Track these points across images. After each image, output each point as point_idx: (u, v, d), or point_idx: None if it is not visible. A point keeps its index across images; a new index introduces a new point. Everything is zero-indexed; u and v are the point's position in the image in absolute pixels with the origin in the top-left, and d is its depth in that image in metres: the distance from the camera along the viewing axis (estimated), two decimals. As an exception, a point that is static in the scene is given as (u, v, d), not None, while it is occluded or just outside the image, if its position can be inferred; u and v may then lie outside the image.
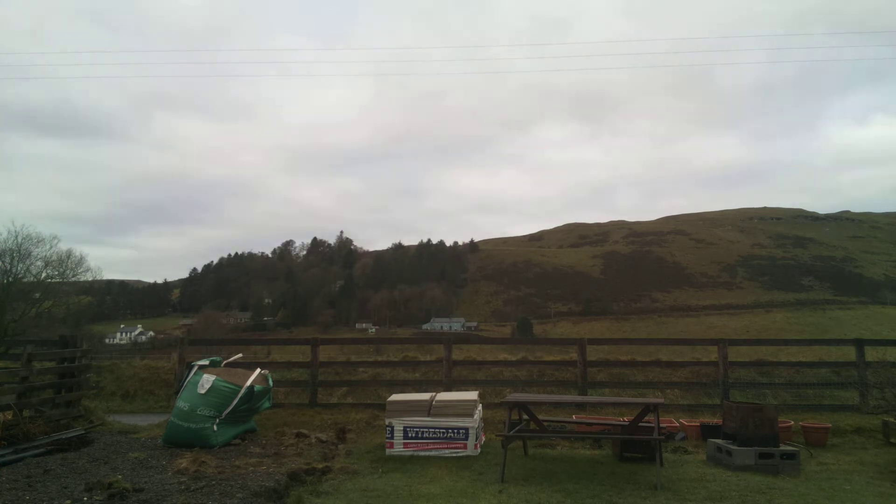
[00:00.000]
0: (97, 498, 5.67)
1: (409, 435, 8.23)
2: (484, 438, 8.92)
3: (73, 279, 41.93)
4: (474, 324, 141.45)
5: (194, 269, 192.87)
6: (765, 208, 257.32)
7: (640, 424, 7.89)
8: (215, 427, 8.35)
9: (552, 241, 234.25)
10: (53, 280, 39.71)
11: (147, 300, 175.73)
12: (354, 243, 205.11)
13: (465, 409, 8.28)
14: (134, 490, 5.87)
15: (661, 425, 7.76)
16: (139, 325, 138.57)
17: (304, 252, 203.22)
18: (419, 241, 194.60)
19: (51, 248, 38.71)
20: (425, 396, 8.73)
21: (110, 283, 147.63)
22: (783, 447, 7.48)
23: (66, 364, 10.14)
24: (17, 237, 36.73)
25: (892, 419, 9.08)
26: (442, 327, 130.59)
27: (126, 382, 14.41)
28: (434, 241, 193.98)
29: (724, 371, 11.18)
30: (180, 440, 8.28)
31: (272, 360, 14.18)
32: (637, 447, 7.90)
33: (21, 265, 36.88)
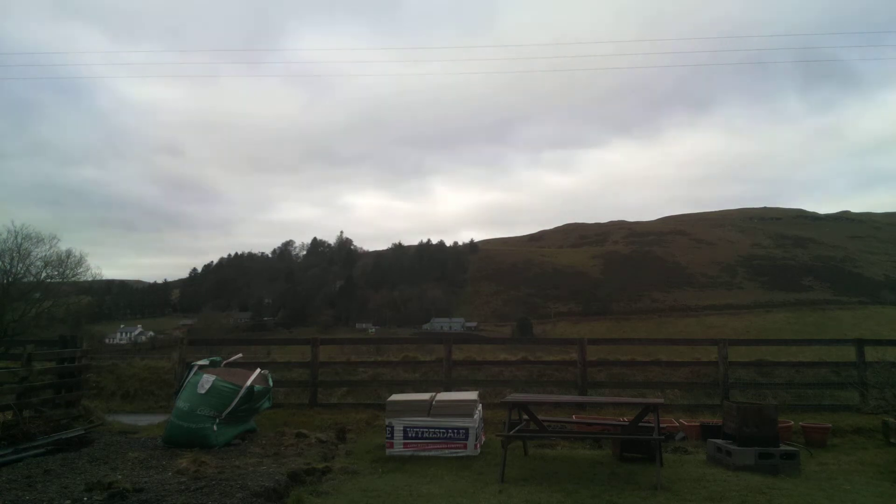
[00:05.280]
0: (97, 498, 5.67)
1: (409, 435, 8.22)
2: (484, 438, 8.91)
3: (73, 279, 41.78)
4: (474, 324, 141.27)
5: (194, 270, 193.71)
6: (765, 208, 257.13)
7: (640, 424, 7.90)
8: (215, 427, 8.35)
9: (552, 241, 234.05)
10: (53, 280, 39.63)
11: (147, 300, 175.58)
12: (354, 243, 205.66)
13: (465, 410, 8.28)
14: (134, 490, 5.87)
15: (661, 425, 7.75)
16: (139, 326, 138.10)
17: (304, 252, 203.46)
18: (419, 241, 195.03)
19: (51, 248, 38.69)
20: (425, 396, 8.73)
21: (110, 283, 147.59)
22: (783, 447, 7.47)
23: (65, 364, 10.16)
24: (16, 237, 36.69)
25: (892, 419, 9.08)
26: (442, 327, 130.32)
27: (126, 382, 14.39)
28: (434, 242, 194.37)
29: (724, 371, 11.19)
30: (180, 440, 8.27)
31: (272, 360, 14.16)
32: (637, 447, 7.90)
33: (21, 265, 36.85)
